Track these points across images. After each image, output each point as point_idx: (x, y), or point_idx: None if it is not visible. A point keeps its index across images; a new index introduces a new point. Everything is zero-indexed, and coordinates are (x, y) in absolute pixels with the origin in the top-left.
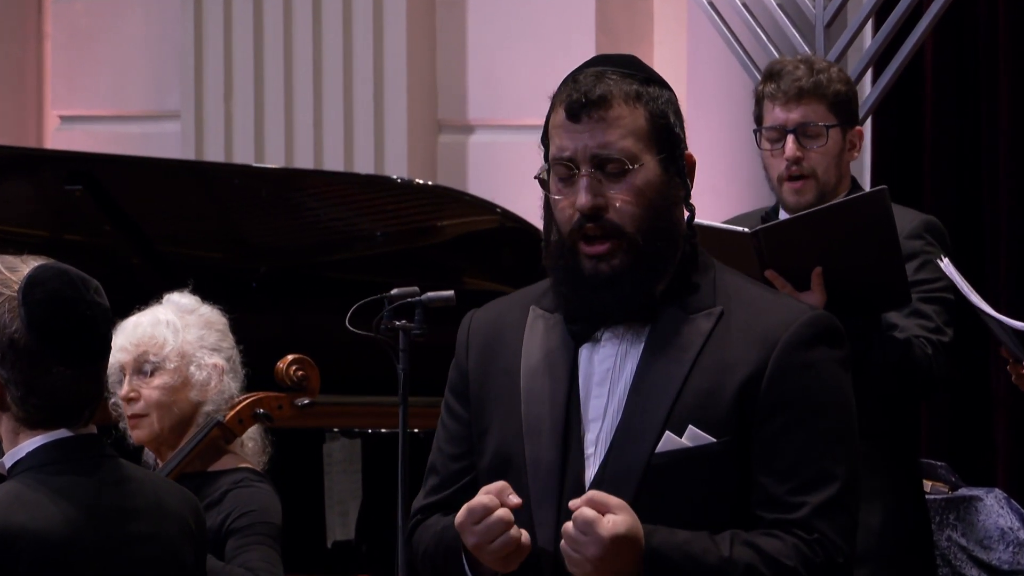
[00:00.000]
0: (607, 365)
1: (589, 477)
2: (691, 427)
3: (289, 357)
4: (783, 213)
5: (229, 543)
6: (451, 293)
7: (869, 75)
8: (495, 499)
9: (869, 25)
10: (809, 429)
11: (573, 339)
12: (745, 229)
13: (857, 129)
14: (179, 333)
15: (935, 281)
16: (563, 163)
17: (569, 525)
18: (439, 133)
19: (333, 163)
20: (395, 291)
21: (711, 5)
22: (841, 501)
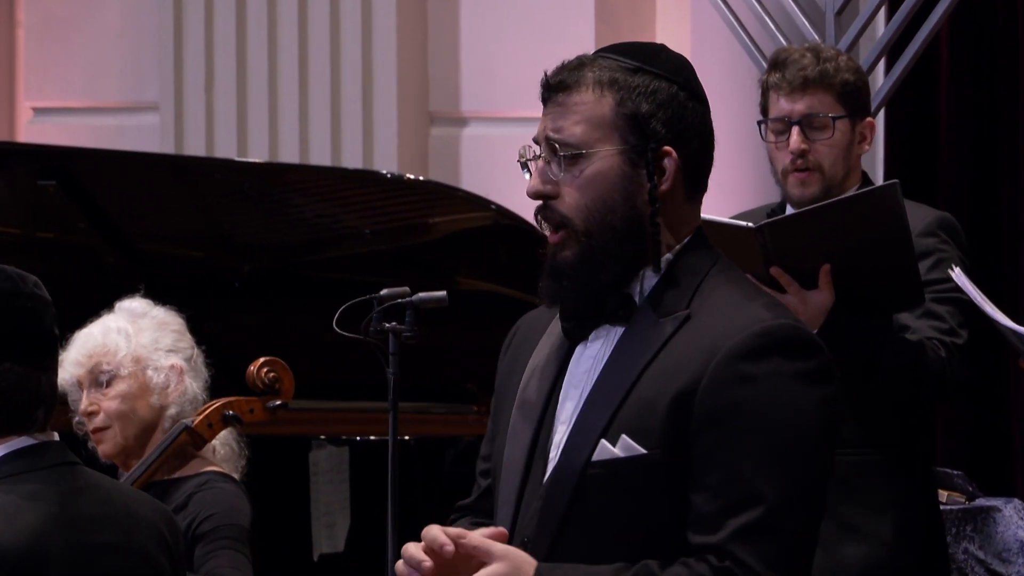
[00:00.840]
0: (585, 367)
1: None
2: (624, 437)
3: (260, 359)
4: (789, 209)
5: (197, 549)
6: (443, 294)
7: (882, 65)
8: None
9: (882, 12)
10: (740, 446)
11: (568, 338)
12: (749, 224)
13: (868, 121)
14: (131, 338)
15: (949, 280)
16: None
17: None
18: (431, 125)
19: (320, 157)
20: (385, 291)
21: None
22: (766, 524)
